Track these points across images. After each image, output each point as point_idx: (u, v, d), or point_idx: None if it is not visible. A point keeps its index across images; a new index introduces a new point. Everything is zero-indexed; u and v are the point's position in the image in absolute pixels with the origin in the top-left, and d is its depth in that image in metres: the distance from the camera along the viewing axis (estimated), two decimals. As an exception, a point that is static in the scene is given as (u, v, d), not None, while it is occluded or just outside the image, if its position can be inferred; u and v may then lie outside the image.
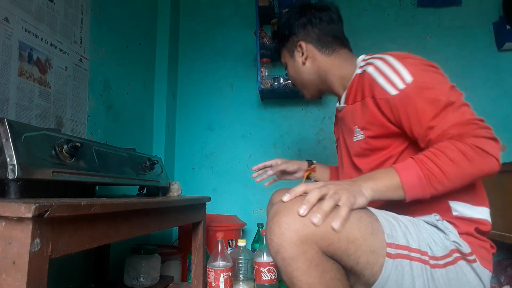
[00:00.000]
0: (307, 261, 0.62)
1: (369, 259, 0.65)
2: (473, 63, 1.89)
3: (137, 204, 0.75)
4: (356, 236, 0.64)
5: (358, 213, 0.67)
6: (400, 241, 0.67)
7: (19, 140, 0.60)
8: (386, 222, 0.69)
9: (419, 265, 0.67)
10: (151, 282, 1.27)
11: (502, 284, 1.53)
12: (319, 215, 0.62)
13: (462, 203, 0.76)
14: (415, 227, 0.71)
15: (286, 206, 0.65)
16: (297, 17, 1.00)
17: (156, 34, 2.01)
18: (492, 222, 0.73)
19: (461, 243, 0.70)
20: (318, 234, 0.62)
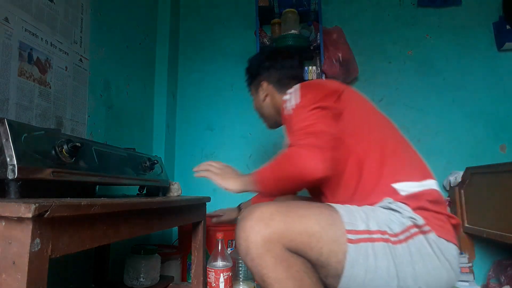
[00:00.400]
0: (272, 258, 0.69)
1: (332, 248, 0.71)
2: (473, 63, 1.89)
3: (137, 204, 0.75)
4: (316, 229, 0.72)
5: (319, 209, 0.77)
6: (359, 227, 0.73)
7: (19, 140, 0.60)
8: (345, 212, 0.76)
9: (381, 245, 0.72)
10: (151, 282, 1.26)
11: (502, 284, 1.53)
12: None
13: (405, 182, 0.82)
14: (373, 212, 0.78)
15: (248, 212, 0.74)
16: (263, 60, 1.16)
17: (156, 34, 2.01)
18: (492, 222, 0.74)
19: (415, 217, 0.76)
20: (279, 232, 0.70)
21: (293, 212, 0.74)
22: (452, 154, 1.85)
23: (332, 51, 1.78)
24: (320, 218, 0.74)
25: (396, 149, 0.88)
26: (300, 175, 0.78)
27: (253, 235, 0.70)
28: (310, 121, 0.83)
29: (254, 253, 0.70)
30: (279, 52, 1.16)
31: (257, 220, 0.72)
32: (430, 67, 1.94)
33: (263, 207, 0.74)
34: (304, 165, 0.77)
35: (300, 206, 0.77)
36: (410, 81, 1.95)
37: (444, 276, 0.75)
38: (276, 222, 0.71)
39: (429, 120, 1.90)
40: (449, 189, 1.77)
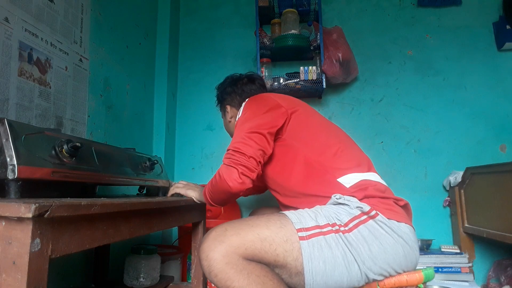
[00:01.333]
0: (233, 269, 0.75)
1: (286, 247, 0.79)
2: (473, 63, 1.89)
3: (137, 204, 0.75)
4: (267, 233, 0.80)
5: (268, 216, 0.86)
6: (309, 224, 0.82)
7: (19, 140, 0.60)
8: (293, 215, 0.85)
9: (332, 236, 0.81)
10: (151, 282, 1.27)
11: (502, 284, 1.53)
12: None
13: (348, 175, 0.92)
14: (322, 210, 0.87)
15: (206, 234, 0.82)
16: (227, 87, 1.28)
17: (156, 34, 2.01)
18: (492, 222, 0.75)
19: (362, 205, 0.85)
20: (233, 244, 0.77)
21: (244, 224, 0.83)
22: (452, 154, 1.85)
23: (332, 51, 1.78)
24: (269, 223, 0.82)
25: (340, 148, 0.98)
26: (225, 190, 0.92)
27: (211, 253, 0.77)
28: (240, 139, 0.93)
29: (216, 269, 0.76)
30: (240, 79, 1.28)
31: (212, 239, 0.79)
32: (430, 67, 1.94)
33: (217, 227, 0.83)
34: (226, 182, 0.90)
35: (250, 219, 0.87)
36: (410, 81, 1.95)
37: (400, 252, 0.82)
38: (229, 236, 0.79)
39: (429, 120, 1.90)
40: (449, 189, 1.77)
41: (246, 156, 0.90)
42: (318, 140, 0.99)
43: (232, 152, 0.92)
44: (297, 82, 1.80)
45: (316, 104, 2.00)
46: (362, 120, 1.96)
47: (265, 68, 1.85)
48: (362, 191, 0.89)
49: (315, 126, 1.04)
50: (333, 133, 1.05)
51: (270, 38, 1.87)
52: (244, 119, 0.99)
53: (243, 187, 0.90)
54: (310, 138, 1.00)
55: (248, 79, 1.26)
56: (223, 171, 0.92)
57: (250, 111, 1.02)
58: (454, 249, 1.64)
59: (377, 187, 0.92)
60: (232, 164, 0.90)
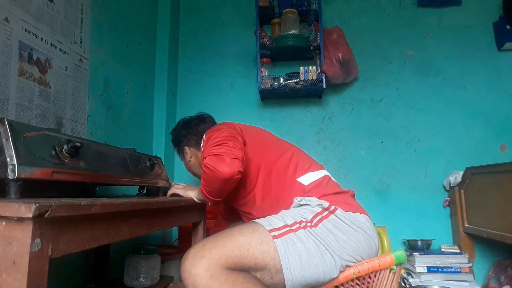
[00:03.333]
0: (217, 280, 0.77)
1: (262, 249, 0.83)
2: (473, 63, 1.90)
3: (137, 204, 0.75)
4: (242, 239, 0.84)
5: (239, 226, 0.91)
6: (278, 225, 0.89)
7: (19, 140, 0.60)
8: (262, 220, 0.92)
9: (301, 231, 0.87)
10: (151, 282, 1.26)
11: (502, 284, 1.53)
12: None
13: (304, 174, 1.02)
14: (287, 212, 0.95)
15: (186, 253, 0.84)
16: (181, 130, 1.34)
17: (156, 34, 2.00)
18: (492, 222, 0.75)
19: (322, 203, 0.94)
20: (213, 257, 0.80)
21: (219, 236, 0.87)
22: (452, 154, 1.85)
23: (332, 51, 1.78)
24: (243, 231, 0.87)
25: (294, 154, 1.09)
26: (217, 177, 0.94)
27: (194, 269, 0.79)
28: (216, 142, 0.99)
29: (202, 284, 0.77)
30: (191, 121, 1.35)
31: (192, 256, 0.81)
32: (430, 67, 1.94)
33: (195, 245, 0.86)
34: (216, 169, 0.93)
35: (225, 231, 0.91)
36: (410, 81, 1.95)
37: (362, 239, 0.90)
38: (208, 250, 0.82)
39: (429, 120, 1.90)
40: (449, 189, 1.77)
41: (228, 145, 0.96)
42: (273, 151, 1.10)
43: (212, 153, 0.96)
44: (297, 82, 1.80)
45: (316, 104, 2.00)
46: (362, 120, 1.96)
47: (265, 68, 1.85)
48: (319, 188, 0.99)
49: (267, 140, 1.16)
50: (284, 143, 1.17)
51: (270, 38, 1.87)
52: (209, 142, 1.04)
53: (234, 170, 0.93)
54: (265, 149, 1.10)
55: (199, 120, 1.34)
56: (210, 161, 0.95)
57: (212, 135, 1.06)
58: (454, 249, 1.64)
59: (330, 183, 1.04)
60: (216, 152, 0.95)
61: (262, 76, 1.83)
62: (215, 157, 0.95)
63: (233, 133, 1.05)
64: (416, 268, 1.57)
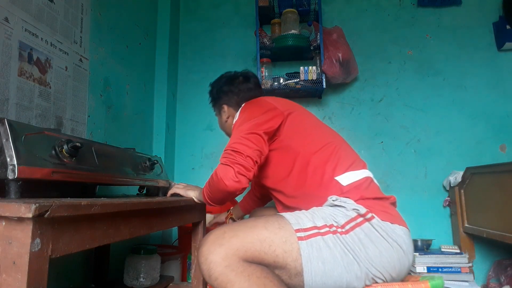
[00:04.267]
0: (233, 271, 0.75)
1: (285, 248, 0.79)
2: (473, 63, 1.89)
3: (137, 204, 0.75)
4: (266, 235, 0.80)
5: (265, 218, 0.86)
6: (307, 225, 0.82)
7: (19, 140, 0.60)
8: (290, 216, 0.86)
9: (330, 236, 0.81)
10: (151, 282, 1.27)
11: (502, 284, 1.53)
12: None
13: (345, 173, 0.94)
14: (319, 211, 0.88)
15: (204, 238, 0.82)
16: (222, 86, 1.25)
17: (156, 34, 2.01)
18: (492, 222, 0.75)
19: (358, 208, 0.85)
20: (232, 247, 0.77)
21: (242, 226, 0.83)
22: (452, 154, 1.85)
23: (332, 51, 1.78)
24: (268, 224, 0.82)
25: (336, 148, 1.00)
26: (222, 189, 0.92)
27: (211, 256, 0.76)
28: (237, 140, 0.94)
29: (216, 272, 0.75)
30: (236, 78, 1.26)
31: (211, 242, 0.79)
32: (430, 67, 1.94)
33: (215, 230, 0.83)
34: (223, 181, 0.90)
35: (249, 221, 0.87)
36: (410, 81, 1.95)
37: (394, 256, 0.82)
38: (227, 239, 0.78)
39: (429, 120, 1.90)
40: (449, 189, 1.77)
41: (243, 155, 0.91)
42: (314, 141, 1.01)
43: (229, 152, 0.93)
44: (297, 82, 1.80)
45: (316, 104, 2.00)
46: (362, 120, 1.96)
47: (265, 68, 1.85)
48: (358, 190, 0.91)
49: (310, 127, 1.06)
50: (328, 133, 1.07)
51: (270, 38, 1.87)
52: (241, 121, 1.01)
53: (239, 186, 0.90)
54: (306, 139, 1.02)
55: (243, 78, 1.25)
56: (220, 170, 0.92)
57: (247, 113, 1.03)
58: (454, 249, 1.64)
59: (371, 186, 0.95)
60: (228, 163, 0.91)
61: (262, 76, 1.83)
62: (225, 168, 0.91)
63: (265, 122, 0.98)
64: (416, 268, 1.57)
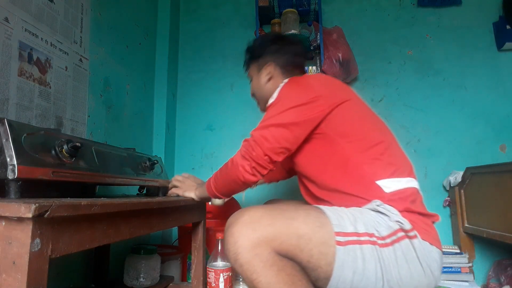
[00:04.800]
0: (262, 262, 0.69)
1: (322, 250, 0.72)
2: (473, 63, 1.89)
3: (137, 204, 0.75)
4: (305, 231, 0.72)
5: (306, 211, 0.78)
6: (348, 229, 0.74)
7: (19, 140, 0.60)
8: (332, 214, 0.77)
9: (369, 247, 0.73)
10: (151, 282, 1.26)
11: (502, 284, 1.53)
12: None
13: (388, 179, 0.84)
14: (361, 215, 0.79)
15: (236, 217, 0.75)
16: (270, 42, 1.13)
17: (156, 34, 2.00)
18: (492, 222, 0.74)
19: (402, 221, 0.77)
20: (268, 236, 0.70)
21: (281, 214, 0.75)
22: (452, 154, 1.85)
23: (332, 51, 1.78)
24: (308, 220, 0.75)
25: (386, 149, 0.90)
26: (236, 178, 0.88)
27: (241, 240, 0.71)
28: (265, 129, 0.87)
29: (244, 259, 0.70)
30: (283, 38, 1.16)
31: (245, 224, 0.72)
32: (430, 67, 1.94)
33: (251, 211, 0.75)
34: (239, 170, 0.87)
35: (288, 209, 0.78)
36: (410, 81, 1.95)
37: (424, 282, 0.77)
38: (264, 225, 0.72)
39: (429, 120, 1.90)
40: (449, 189, 1.77)
41: (263, 152, 0.84)
42: (363, 137, 0.90)
43: (252, 143, 0.86)
44: (297, 82, 1.80)
45: (316, 104, 2.00)
46: (362, 120, 1.95)
47: (265, 68, 1.84)
48: (402, 201, 0.82)
49: (361, 121, 0.94)
50: (380, 131, 0.95)
51: (270, 38, 1.87)
52: (277, 106, 0.89)
53: (254, 179, 0.87)
54: (354, 134, 0.90)
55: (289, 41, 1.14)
56: (238, 159, 0.87)
57: (286, 98, 0.90)
58: (454, 249, 1.64)
59: (418, 199, 0.86)
60: (247, 156, 0.86)
61: (262, 76, 1.83)
62: (243, 159, 0.86)
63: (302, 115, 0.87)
64: None
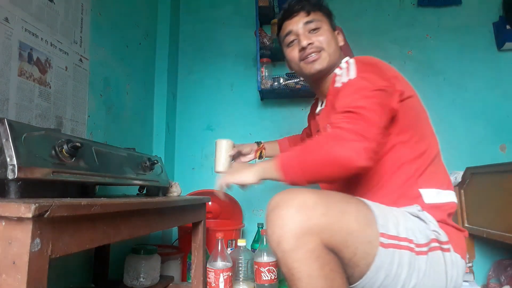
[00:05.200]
0: (308, 252, 0.64)
1: (365, 249, 0.68)
2: (473, 63, 1.89)
3: (137, 204, 0.75)
4: (355, 228, 0.68)
5: (356, 206, 0.72)
6: (390, 231, 0.71)
7: (19, 140, 0.60)
8: (379, 212, 0.73)
9: (406, 253, 0.70)
10: (151, 282, 1.26)
11: (502, 284, 1.53)
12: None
13: (431, 189, 0.82)
14: (403, 217, 0.75)
15: (287, 198, 0.68)
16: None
17: (156, 34, 2.00)
18: (492, 222, 0.75)
19: (439, 232, 0.76)
20: (321, 226, 0.65)
21: (334, 205, 0.69)
22: (452, 154, 1.84)
23: (332, 51, 1.78)
24: (359, 216, 0.70)
25: (434, 158, 0.86)
26: (339, 161, 0.71)
27: (291, 224, 0.64)
28: (363, 103, 0.75)
29: (288, 245, 0.64)
30: None
31: (297, 207, 0.66)
32: (430, 67, 1.94)
33: (305, 195, 0.68)
34: (347, 150, 0.70)
35: (339, 200, 0.72)
36: (410, 81, 1.93)
37: None
38: (318, 214, 0.66)
39: (429, 120, 1.90)
40: (449, 189, 1.77)
41: (374, 129, 0.73)
42: (418, 140, 0.85)
43: (357, 117, 0.73)
44: (297, 82, 1.80)
45: (316, 104, 2.00)
46: (362, 120, 1.95)
47: (265, 68, 1.85)
48: (440, 212, 0.80)
49: (419, 122, 0.89)
50: (433, 136, 0.91)
51: (270, 38, 1.87)
52: (362, 82, 0.79)
53: (368, 164, 0.72)
54: (410, 134, 0.85)
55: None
56: (345, 134, 0.72)
57: (370, 74, 0.82)
58: (454, 249, 1.64)
59: (452, 211, 0.83)
60: (358, 132, 0.71)
61: (262, 76, 1.83)
62: (354, 134, 0.71)
63: (392, 91, 0.81)
64: None
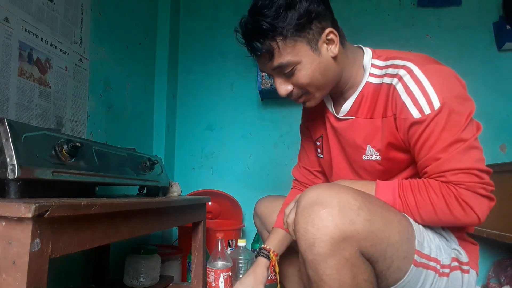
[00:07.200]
0: (343, 259, 0.59)
1: (400, 265, 0.64)
2: (473, 63, 1.89)
3: (137, 204, 0.75)
4: (396, 239, 0.63)
5: (397, 216, 0.67)
6: (425, 250, 0.67)
7: (19, 140, 0.60)
8: (417, 227, 0.69)
9: (431, 274, 0.67)
10: (151, 282, 1.26)
11: (502, 284, 1.53)
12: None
13: None
14: (432, 234, 0.71)
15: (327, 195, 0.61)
16: (320, 3, 0.78)
17: (156, 34, 2.00)
18: (492, 222, 0.75)
19: (460, 251, 0.72)
20: (363, 233, 0.59)
21: (378, 211, 0.64)
22: (452, 154, 1.85)
23: (332, 51, 1.78)
24: (401, 228, 0.65)
25: None
26: (463, 223, 0.69)
27: (330, 227, 0.58)
28: (478, 156, 0.68)
29: (323, 248, 0.58)
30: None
31: (339, 207, 0.59)
32: (430, 67, 1.94)
33: (348, 194, 0.62)
34: (473, 211, 0.67)
35: (381, 205, 0.67)
36: (410, 81, 1.95)
37: None
38: (362, 220, 0.60)
39: (429, 120, 1.89)
40: (449, 189, 1.77)
41: (488, 176, 0.70)
42: None
43: (481, 174, 0.68)
44: (297, 82, 1.80)
45: (316, 104, 2.00)
46: (362, 120, 1.95)
47: (265, 68, 1.84)
48: (459, 230, 0.77)
49: None
50: None
51: (270, 38, 1.87)
52: (449, 114, 0.67)
53: (484, 219, 0.70)
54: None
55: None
56: (469, 196, 0.66)
57: (452, 99, 0.69)
58: (454, 249, 1.64)
59: (470, 228, 0.81)
60: (483, 192, 0.69)
61: (262, 76, 1.83)
62: (478, 198, 0.67)
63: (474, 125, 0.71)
64: None
